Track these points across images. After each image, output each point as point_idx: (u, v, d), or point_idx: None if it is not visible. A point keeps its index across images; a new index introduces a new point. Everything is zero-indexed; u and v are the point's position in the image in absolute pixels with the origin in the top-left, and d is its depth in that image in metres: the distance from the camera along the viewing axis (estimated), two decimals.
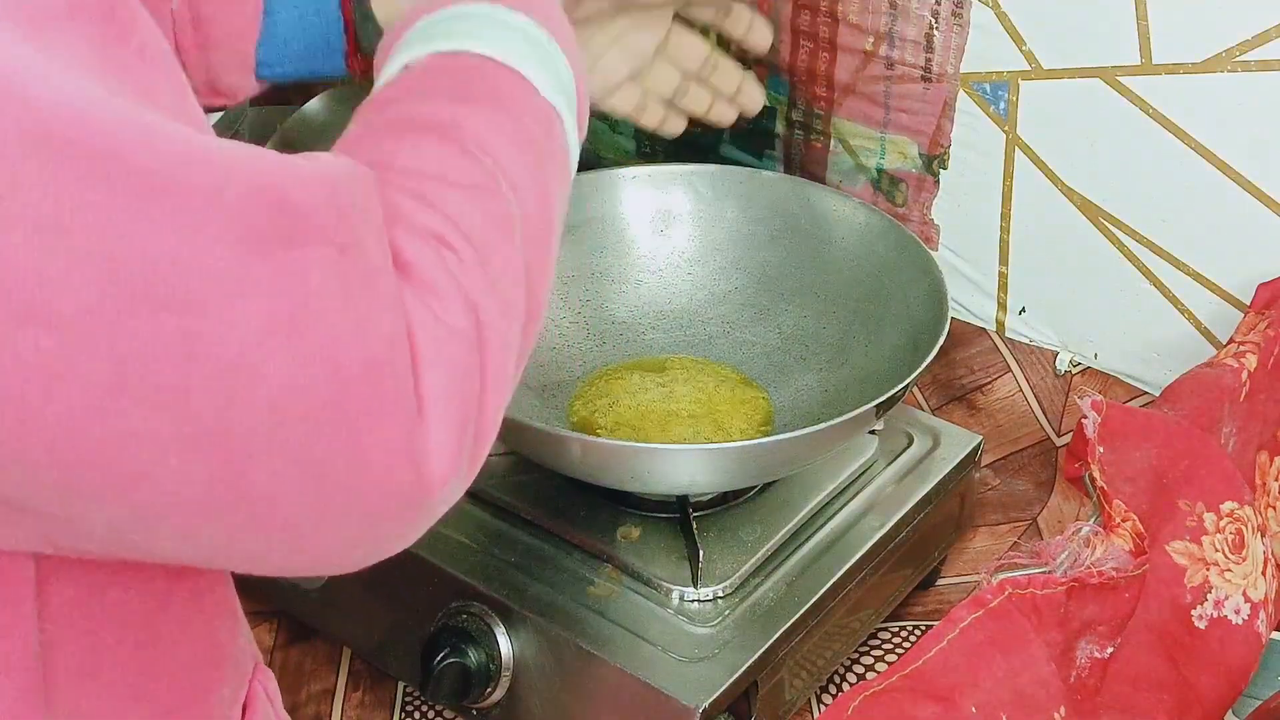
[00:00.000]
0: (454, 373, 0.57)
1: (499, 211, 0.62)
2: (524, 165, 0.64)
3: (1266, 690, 0.94)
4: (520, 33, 0.68)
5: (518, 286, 0.62)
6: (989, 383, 1.27)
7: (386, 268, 0.56)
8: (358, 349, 0.53)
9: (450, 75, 0.67)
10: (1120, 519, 0.90)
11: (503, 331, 0.60)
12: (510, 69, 0.67)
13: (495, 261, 0.60)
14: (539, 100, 0.67)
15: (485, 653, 0.98)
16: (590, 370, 1.18)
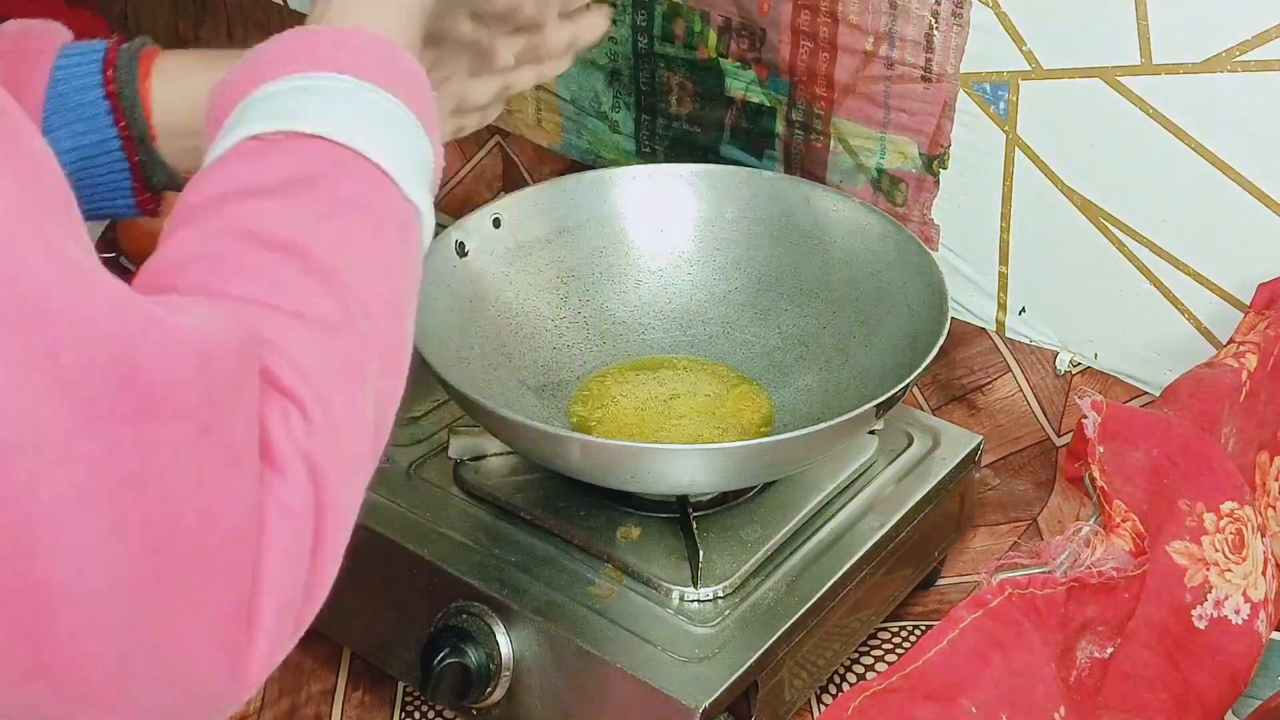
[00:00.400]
0: (288, 567, 0.53)
1: (352, 355, 0.58)
2: (381, 285, 0.60)
3: (1266, 690, 0.94)
4: (382, 114, 0.63)
5: (364, 437, 0.58)
6: (989, 383, 1.27)
7: (251, 451, 0.52)
8: (198, 540, 0.50)
9: (301, 170, 0.60)
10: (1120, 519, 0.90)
11: (344, 496, 0.56)
12: (370, 162, 0.61)
13: (344, 420, 0.56)
14: (399, 201, 0.62)
15: (485, 653, 0.98)
16: (590, 370, 1.18)
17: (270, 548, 0.52)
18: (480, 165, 1.55)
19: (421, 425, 1.16)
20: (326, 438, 0.55)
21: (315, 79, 0.62)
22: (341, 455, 0.56)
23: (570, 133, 1.46)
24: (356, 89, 0.63)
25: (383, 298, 0.60)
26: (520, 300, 1.18)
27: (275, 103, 0.62)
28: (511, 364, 1.15)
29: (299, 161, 0.60)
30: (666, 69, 1.35)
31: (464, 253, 1.15)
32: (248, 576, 0.51)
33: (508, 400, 1.10)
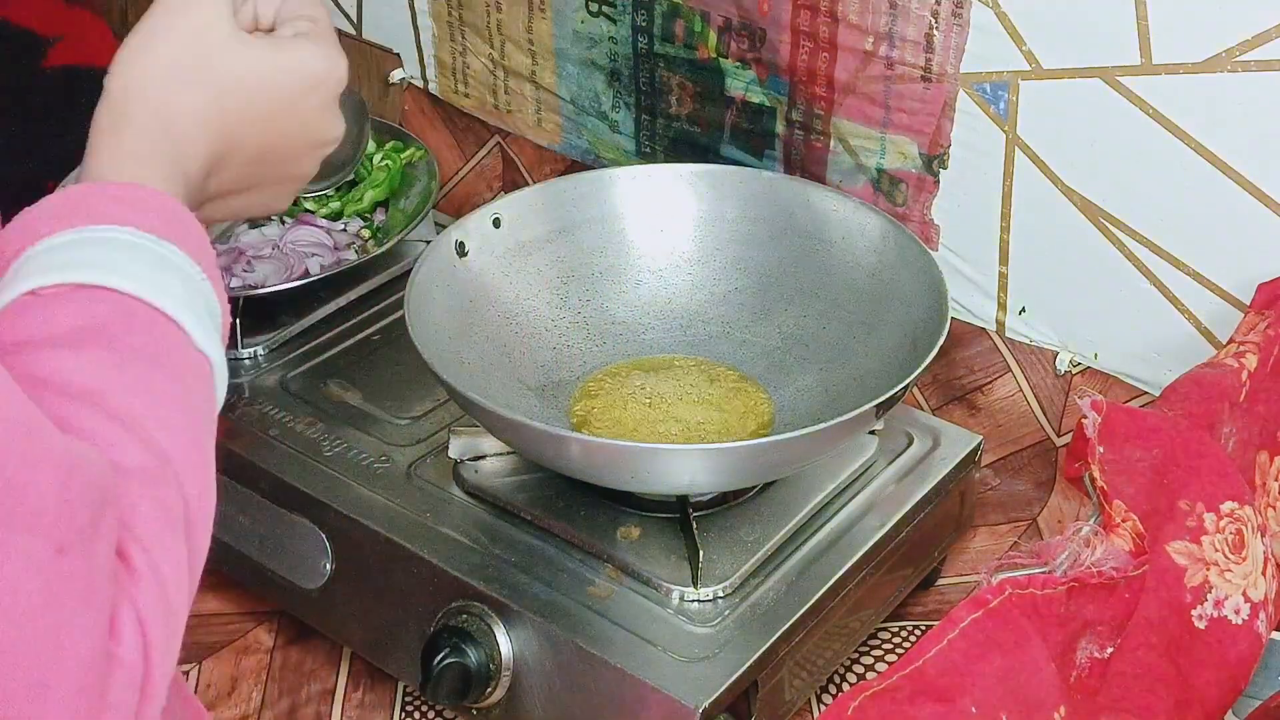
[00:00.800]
0: (120, 714, 0.51)
1: (168, 503, 0.56)
2: (184, 434, 0.58)
3: (1266, 690, 0.94)
4: (168, 265, 0.61)
5: (183, 590, 0.56)
6: (989, 383, 1.27)
7: (104, 591, 0.51)
8: (42, 674, 0.48)
9: (89, 320, 0.58)
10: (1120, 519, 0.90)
11: (167, 650, 0.54)
12: (159, 311, 0.60)
13: (165, 568, 0.55)
14: (192, 351, 0.61)
15: (485, 653, 0.98)
16: (590, 370, 1.18)
17: (110, 688, 0.51)
18: (480, 165, 1.55)
19: (421, 425, 1.16)
20: (153, 591, 0.54)
21: (96, 231, 0.60)
22: (166, 609, 0.54)
23: (570, 133, 1.46)
24: (139, 240, 0.61)
25: (187, 447, 0.58)
26: (520, 300, 1.18)
27: (56, 255, 0.59)
28: (511, 364, 1.15)
29: (87, 312, 0.58)
30: (666, 69, 1.35)
31: (464, 253, 1.15)
32: (88, 711, 0.50)
33: (508, 400, 1.10)
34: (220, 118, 0.68)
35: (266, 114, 0.70)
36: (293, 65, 0.71)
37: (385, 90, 1.58)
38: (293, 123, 0.71)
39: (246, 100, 0.69)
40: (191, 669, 1.15)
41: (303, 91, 0.71)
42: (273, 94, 0.70)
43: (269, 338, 1.26)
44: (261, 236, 1.35)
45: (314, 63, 0.72)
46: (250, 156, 0.70)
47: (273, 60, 0.70)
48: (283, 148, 0.72)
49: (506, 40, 1.45)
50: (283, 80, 0.70)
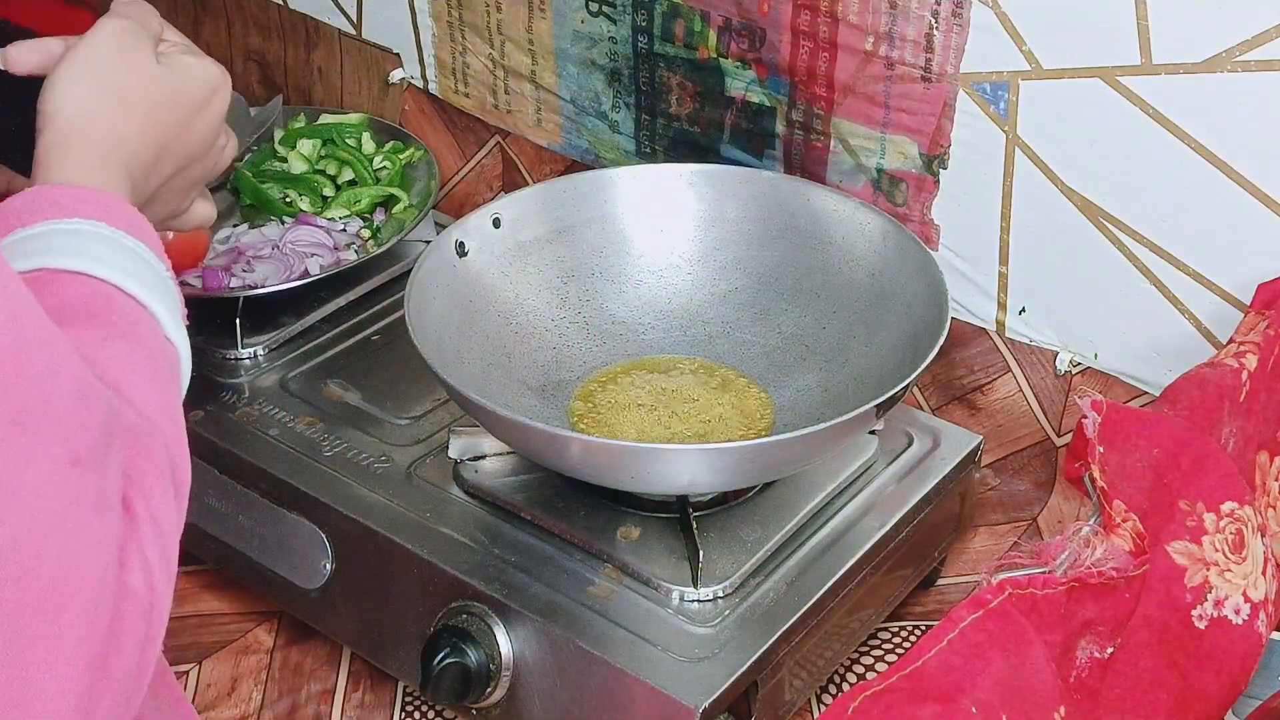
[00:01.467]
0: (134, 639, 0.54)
1: (160, 460, 0.59)
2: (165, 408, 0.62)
3: (1266, 690, 0.94)
4: (138, 257, 0.65)
5: (175, 545, 0.59)
6: (989, 383, 1.27)
7: (115, 508, 0.54)
8: (61, 577, 0.50)
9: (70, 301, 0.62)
10: (1120, 519, 0.90)
11: (165, 596, 0.57)
12: (133, 298, 0.64)
13: (163, 521, 0.58)
14: (162, 339, 0.65)
15: (485, 653, 0.98)
16: (590, 370, 1.18)
17: (124, 614, 0.53)
18: (480, 165, 1.55)
19: (421, 425, 1.16)
20: (154, 538, 0.57)
21: (69, 223, 0.64)
22: (167, 558, 0.57)
23: (570, 133, 1.46)
24: (109, 233, 0.65)
25: (168, 417, 0.62)
26: (520, 300, 1.18)
27: (33, 243, 0.63)
28: (511, 364, 1.15)
29: (68, 293, 0.62)
30: (666, 69, 1.35)
31: (464, 253, 1.15)
32: (104, 630, 0.52)
33: (508, 400, 1.10)
34: (156, 131, 0.75)
35: (184, 122, 0.77)
36: (201, 75, 0.79)
37: (385, 90, 1.58)
38: (203, 125, 0.79)
39: (172, 111, 0.76)
40: (191, 669, 1.15)
41: (207, 96, 0.79)
42: (188, 102, 0.77)
43: (269, 338, 1.26)
44: (261, 236, 1.35)
45: (213, 70, 0.80)
46: (176, 160, 0.77)
47: (185, 72, 0.77)
48: (196, 149, 0.79)
49: (506, 40, 1.45)
50: (195, 89, 0.78)
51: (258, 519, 1.13)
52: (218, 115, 0.80)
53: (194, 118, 0.78)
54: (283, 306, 1.28)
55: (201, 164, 0.80)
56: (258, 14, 1.66)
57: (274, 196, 1.40)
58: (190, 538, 1.17)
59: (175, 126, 0.76)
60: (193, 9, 1.73)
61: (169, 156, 0.76)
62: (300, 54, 1.65)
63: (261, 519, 1.12)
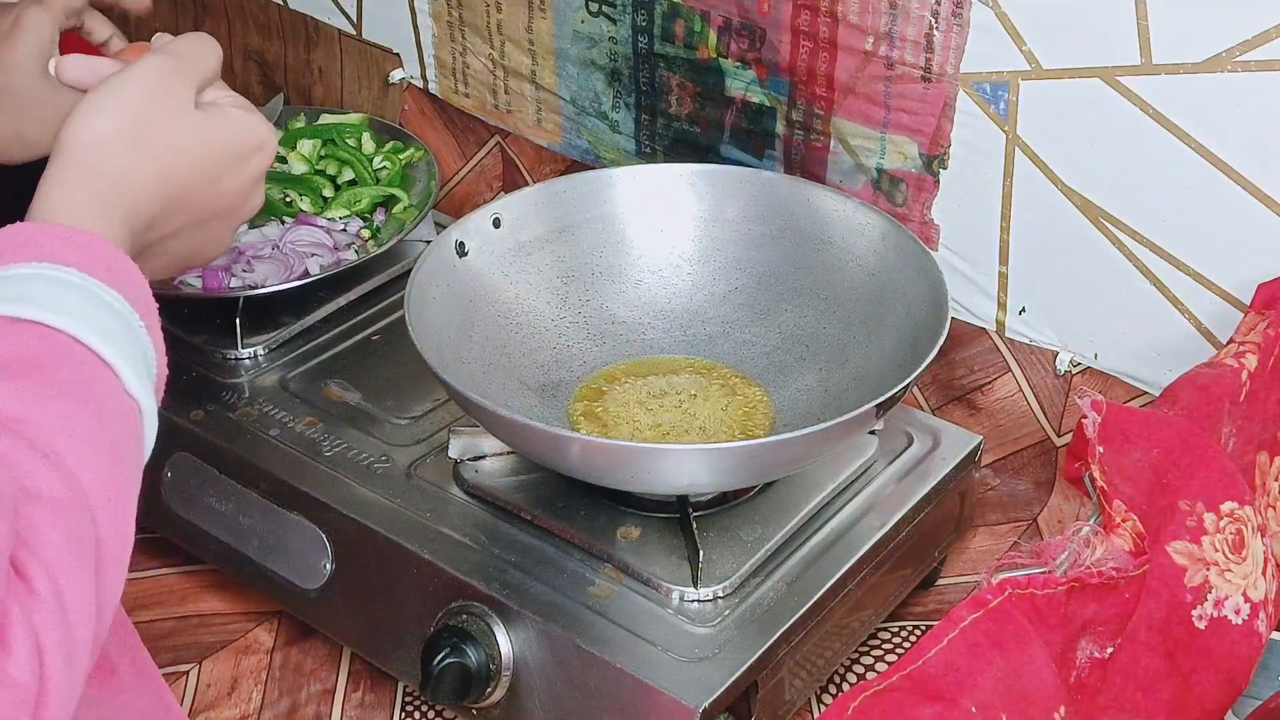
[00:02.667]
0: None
1: (80, 535, 0.56)
2: (104, 472, 0.58)
3: (1266, 690, 0.94)
4: (107, 308, 0.62)
5: (88, 622, 0.55)
6: (989, 383, 1.27)
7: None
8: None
9: (21, 352, 0.59)
10: (1120, 519, 0.90)
11: (67, 686, 0.53)
12: (93, 352, 0.60)
13: (70, 598, 0.54)
14: (122, 395, 0.61)
15: (485, 653, 0.98)
16: (590, 370, 1.18)
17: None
18: (480, 165, 1.55)
19: (421, 425, 1.16)
20: (54, 617, 0.53)
21: (40, 268, 0.62)
22: (68, 640, 0.54)
23: (570, 133, 1.46)
24: (82, 281, 0.62)
25: (106, 486, 0.58)
26: (520, 300, 1.18)
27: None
28: (511, 364, 1.15)
29: (20, 344, 0.59)
30: (666, 69, 1.35)
31: (464, 253, 1.15)
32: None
33: (508, 400, 1.10)
34: (172, 178, 0.71)
35: (212, 176, 0.74)
36: (243, 129, 0.75)
37: (385, 90, 1.58)
38: (235, 182, 0.75)
39: (198, 162, 0.72)
40: (191, 669, 1.15)
41: (246, 154, 0.75)
42: (223, 156, 0.74)
43: (269, 338, 1.26)
44: (261, 237, 1.35)
45: (259, 129, 0.76)
46: (192, 214, 0.73)
47: (223, 124, 0.74)
48: (221, 206, 0.75)
49: (506, 40, 1.45)
50: (235, 142, 0.74)
51: (258, 519, 1.13)
52: (256, 173, 0.76)
53: (227, 173, 0.74)
54: (283, 306, 1.28)
55: (225, 221, 0.76)
56: (258, 14, 1.66)
57: (274, 197, 1.40)
58: (190, 538, 1.17)
59: (201, 178, 0.73)
60: (193, 9, 1.73)
61: (183, 209, 0.73)
62: (300, 54, 1.65)
63: (261, 519, 1.12)
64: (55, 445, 0.56)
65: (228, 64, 1.72)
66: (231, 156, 0.74)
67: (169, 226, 0.72)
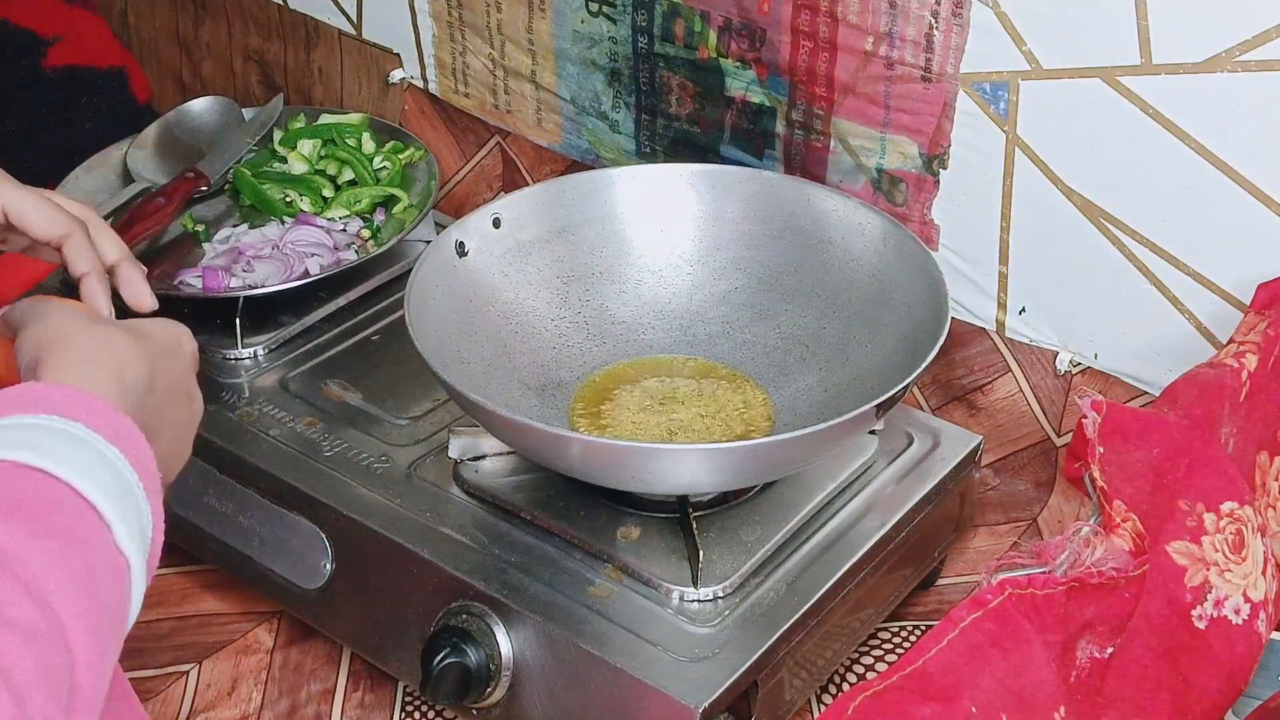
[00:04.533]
0: None
1: (53, 667, 0.55)
2: (86, 616, 0.58)
3: (1266, 690, 0.94)
4: (106, 464, 0.64)
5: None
6: (989, 383, 1.27)
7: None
8: None
9: (17, 494, 0.60)
10: (1120, 519, 0.90)
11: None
12: (88, 503, 0.62)
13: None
14: (112, 549, 0.62)
15: (485, 653, 0.98)
16: (590, 370, 1.18)
17: None
18: (480, 165, 1.55)
19: (421, 425, 1.16)
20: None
21: (46, 420, 0.64)
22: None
23: (570, 133, 1.46)
24: (86, 435, 0.64)
25: (87, 628, 0.58)
26: (520, 300, 1.18)
27: (3, 434, 0.62)
28: (511, 364, 1.15)
29: (21, 488, 0.60)
30: (666, 69, 1.35)
31: (464, 253, 1.15)
32: None
33: (508, 400, 1.10)
34: (144, 344, 0.74)
35: (167, 349, 0.77)
36: (165, 324, 0.79)
37: (385, 90, 1.58)
38: (181, 359, 0.78)
39: (149, 335, 0.76)
40: (191, 669, 1.15)
41: (177, 338, 0.79)
42: (160, 336, 0.77)
43: (269, 338, 1.26)
44: (261, 237, 1.35)
45: (171, 325, 0.79)
46: (168, 385, 0.76)
47: (139, 323, 0.77)
48: (181, 381, 0.78)
49: (506, 40, 1.45)
50: (159, 327, 0.78)
51: (258, 519, 1.13)
52: (188, 370, 0.79)
53: (172, 363, 0.77)
54: (283, 306, 1.28)
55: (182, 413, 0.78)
56: (258, 14, 1.66)
57: (274, 197, 1.40)
58: (190, 538, 1.17)
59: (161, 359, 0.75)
60: (193, 9, 1.73)
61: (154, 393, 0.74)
62: (300, 54, 1.65)
63: (261, 519, 1.12)
64: (40, 581, 0.57)
65: (228, 64, 1.72)
66: (170, 343, 0.77)
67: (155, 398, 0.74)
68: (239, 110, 1.49)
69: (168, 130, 1.47)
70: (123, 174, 1.42)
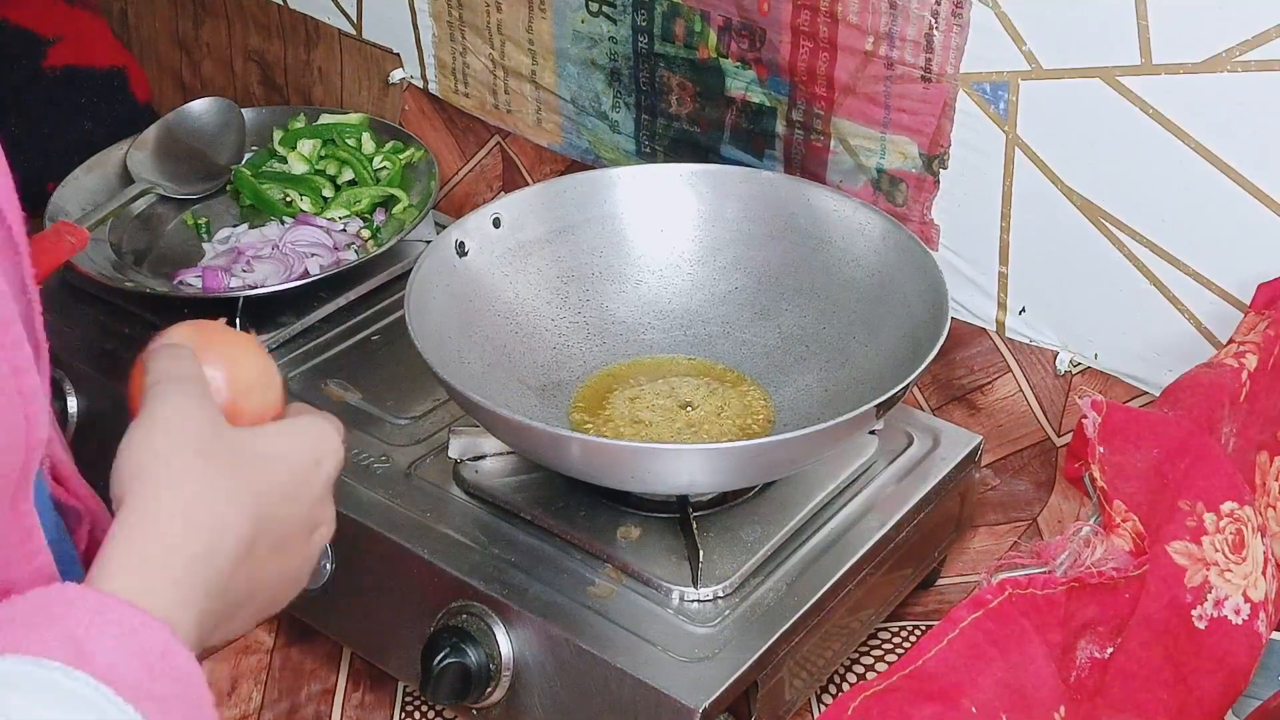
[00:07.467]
0: None
1: None
2: None
3: (1266, 690, 0.94)
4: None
5: None
6: (989, 383, 1.27)
7: None
8: None
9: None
10: (1120, 519, 0.90)
11: None
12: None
13: None
14: None
15: (485, 653, 0.98)
16: (590, 370, 1.18)
17: None
18: (480, 165, 1.55)
19: (421, 425, 1.16)
20: None
21: (39, 667, 0.50)
22: None
23: (570, 133, 1.46)
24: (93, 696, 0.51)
25: None
26: (520, 300, 1.18)
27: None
28: (511, 364, 1.15)
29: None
30: (666, 69, 1.35)
31: (464, 253, 1.15)
32: None
33: (508, 400, 1.10)
34: (253, 495, 0.61)
35: (288, 489, 0.64)
36: (306, 429, 0.66)
37: (385, 90, 1.58)
38: (305, 497, 0.65)
39: (271, 472, 0.63)
40: None
41: (315, 460, 0.66)
42: (291, 464, 0.64)
43: (269, 338, 1.26)
44: (261, 237, 1.35)
45: (322, 425, 0.67)
46: (274, 541, 0.63)
47: (279, 428, 0.65)
48: (298, 525, 0.65)
49: (506, 40, 1.45)
50: (299, 445, 0.65)
51: None
52: (322, 488, 0.67)
53: (300, 484, 0.64)
54: (283, 306, 1.28)
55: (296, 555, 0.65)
56: (258, 14, 1.66)
57: (274, 197, 1.40)
58: None
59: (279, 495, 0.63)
60: (193, 9, 1.73)
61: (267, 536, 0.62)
62: (300, 54, 1.65)
63: None
64: None
65: (228, 64, 1.72)
66: (301, 463, 0.65)
67: (252, 563, 0.61)
68: (239, 111, 1.49)
69: (168, 131, 1.47)
70: (123, 174, 1.42)
